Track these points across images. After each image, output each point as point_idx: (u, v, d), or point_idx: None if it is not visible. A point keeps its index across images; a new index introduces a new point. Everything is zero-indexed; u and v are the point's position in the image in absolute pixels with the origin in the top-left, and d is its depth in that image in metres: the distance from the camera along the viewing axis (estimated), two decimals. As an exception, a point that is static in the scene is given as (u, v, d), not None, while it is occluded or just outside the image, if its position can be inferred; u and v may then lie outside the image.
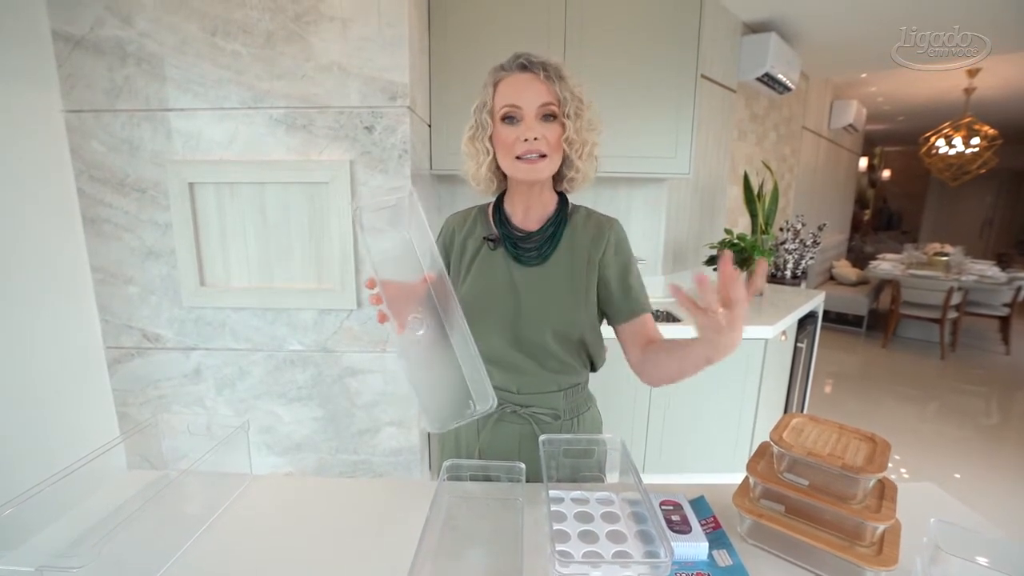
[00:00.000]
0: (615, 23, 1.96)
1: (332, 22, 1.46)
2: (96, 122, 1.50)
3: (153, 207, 1.55)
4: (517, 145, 0.81)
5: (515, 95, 0.82)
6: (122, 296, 1.61)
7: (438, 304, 0.70)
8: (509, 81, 0.83)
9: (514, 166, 0.83)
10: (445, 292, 0.70)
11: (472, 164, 0.90)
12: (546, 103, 0.82)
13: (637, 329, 0.90)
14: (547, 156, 0.83)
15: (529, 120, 0.81)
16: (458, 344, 0.70)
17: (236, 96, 1.49)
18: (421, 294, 0.71)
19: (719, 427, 2.17)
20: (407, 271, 0.70)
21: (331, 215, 1.55)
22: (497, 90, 0.84)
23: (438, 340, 0.71)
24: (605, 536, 0.71)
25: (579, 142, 0.85)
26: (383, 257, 0.70)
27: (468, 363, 0.70)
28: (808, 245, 3.18)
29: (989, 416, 3.36)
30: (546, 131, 0.82)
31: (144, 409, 1.69)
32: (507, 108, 0.82)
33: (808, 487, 0.68)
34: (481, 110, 0.85)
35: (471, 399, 0.70)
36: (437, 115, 1.89)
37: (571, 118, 0.82)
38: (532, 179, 0.84)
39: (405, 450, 1.73)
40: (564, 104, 0.82)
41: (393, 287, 0.69)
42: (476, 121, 0.86)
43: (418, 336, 0.71)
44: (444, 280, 0.70)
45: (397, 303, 0.69)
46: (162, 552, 0.72)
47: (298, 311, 1.63)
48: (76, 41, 1.45)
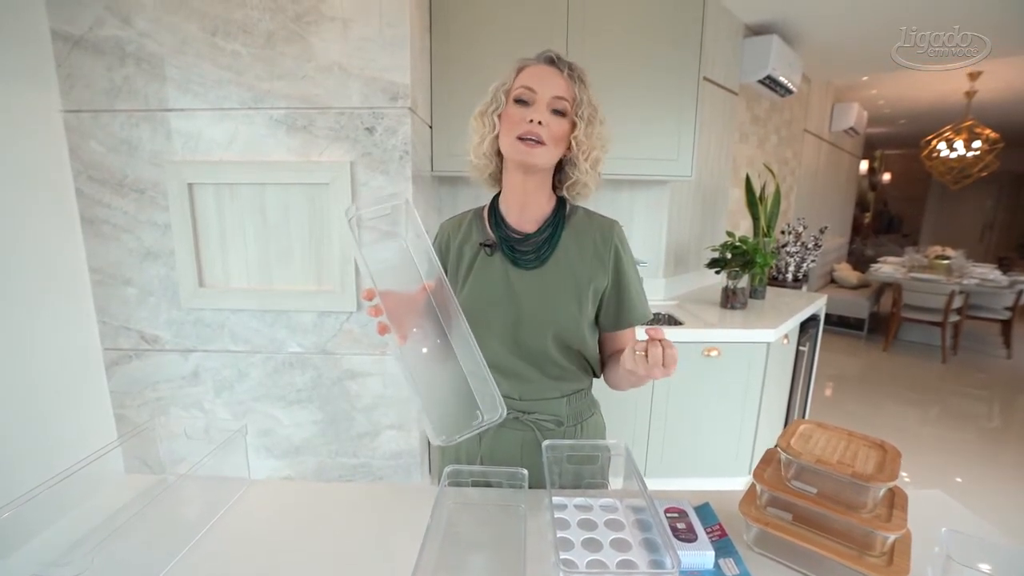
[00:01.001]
0: (617, 25, 1.95)
1: (333, 22, 1.45)
2: (95, 122, 1.49)
3: (152, 208, 1.54)
4: (521, 125, 0.82)
5: (533, 80, 0.83)
6: (120, 297, 1.60)
7: (439, 313, 0.69)
8: (532, 69, 0.85)
9: (513, 145, 0.83)
10: (446, 299, 0.68)
11: (476, 137, 0.90)
12: (560, 96, 0.83)
13: (618, 339, 0.94)
14: (546, 145, 0.82)
15: (539, 105, 0.82)
16: (462, 353, 0.69)
17: (236, 96, 1.49)
18: (421, 303, 0.70)
19: (721, 431, 2.16)
20: (405, 280, 0.69)
21: (331, 217, 1.54)
22: (519, 75, 0.85)
23: (441, 350, 0.69)
24: (609, 544, 0.69)
25: (587, 145, 0.85)
26: (381, 267, 0.68)
27: (473, 372, 0.68)
28: (809, 248, 3.17)
29: (990, 420, 3.34)
30: (552, 122, 0.82)
31: (142, 411, 1.68)
32: (522, 90, 0.83)
33: (817, 495, 0.67)
34: (499, 89, 0.87)
35: (478, 409, 0.69)
36: (438, 116, 1.88)
37: (583, 120, 0.83)
38: (527, 162, 0.83)
39: (405, 453, 1.71)
40: (578, 105, 0.83)
41: (392, 298, 0.68)
42: (491, 97, 0.87)
43: (422, 352, 0.69)
44: (444, 286, 0.69)
45: (397, 314, 0.68)
46: (158, 559, 0.71)
47: (298, 313, 1.62)
48: (75, 41, 1.44)
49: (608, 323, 0.92)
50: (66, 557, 0.69)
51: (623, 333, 0.94)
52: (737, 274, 2.38)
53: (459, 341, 0.68)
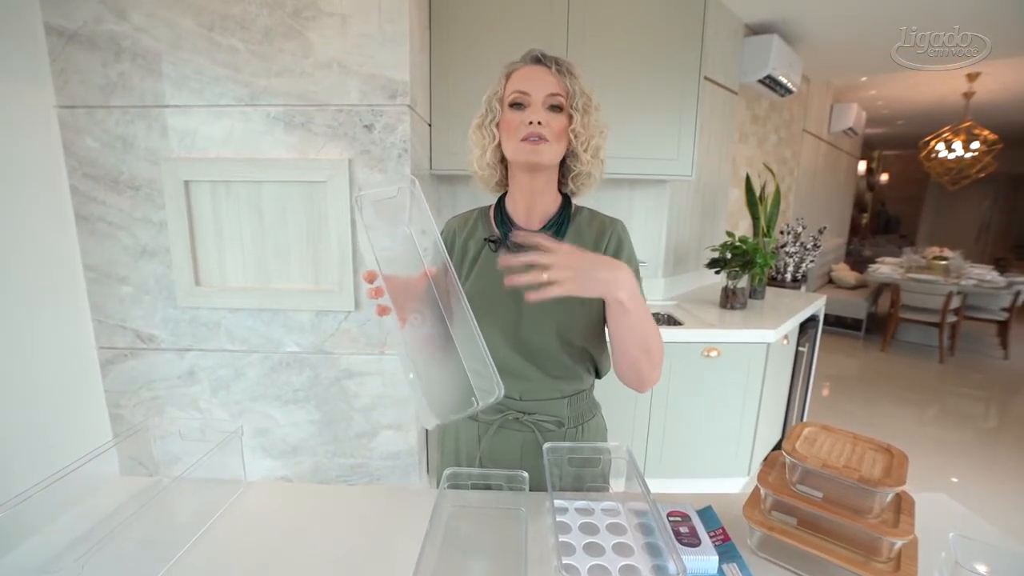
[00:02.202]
0: (618, 23, 1.94)
1: (331, 18, 1.43)
2: (90, 118, 1.47)
3: (148, 205, 1.52)
4: (521, 128, 0.82)
5: (525, 83, 0.83)
6: (115, 296, 1.58)
7: (439, 298, 0.68)
8: (521, 72, 0.85)
9: (517, 148, 0.83)
10: (449, 285, 0.68)
11: (477, 150, 0.90)
12: (554, 93, 0.83)
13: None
14: (549, 142, 0.83)
15: (535, 106, 0.82)
16: (462, 337, 0.68)
17: (233, 93, 1.47)
18: (421, 288, 0.70)
19: (720, 431, 2.15)
20: (409, 265, 0.68)
21: (329, 214, 1.52)
22: (509, 80, 0.85)
23: (441, 336, 0.69)
24: (611, 549, 0.68)
25: (585, 135, 0.85)
26: (386, 253, 0.68)
27: (472, 355, 0.68)
28: (808, 248, 3.17)
29: (987, 420, 3.35)
30: (551, 119, 0.82)
31: (137, 411, 1.66)
32: (515, 94, 0.83)
33: (822, 500, 0.66)
34: (492, 98, 0.87)
35: (474, 396, 0.68)
36: (437, 114, 1.86)
37: (578, 111, 0.84)
38: (533, 161, 0.83)
39: (403, 453, 1.70)
40: (572, 97, 0.83)
41: (393, 281, 0.68)
42: (486, 108, 0.88)
43: (421, 332, 0.69)
44: (448, 272, 0.69)
45: (398, 297, 0.68)
46: (152, 564, 0.69)
47: (295, 312, 1.60)
48: (70, 35, 1.42)
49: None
50: (57, 563, 0.67)
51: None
52: (737, 274, 2.38)
53: (460, 326, 0.68)
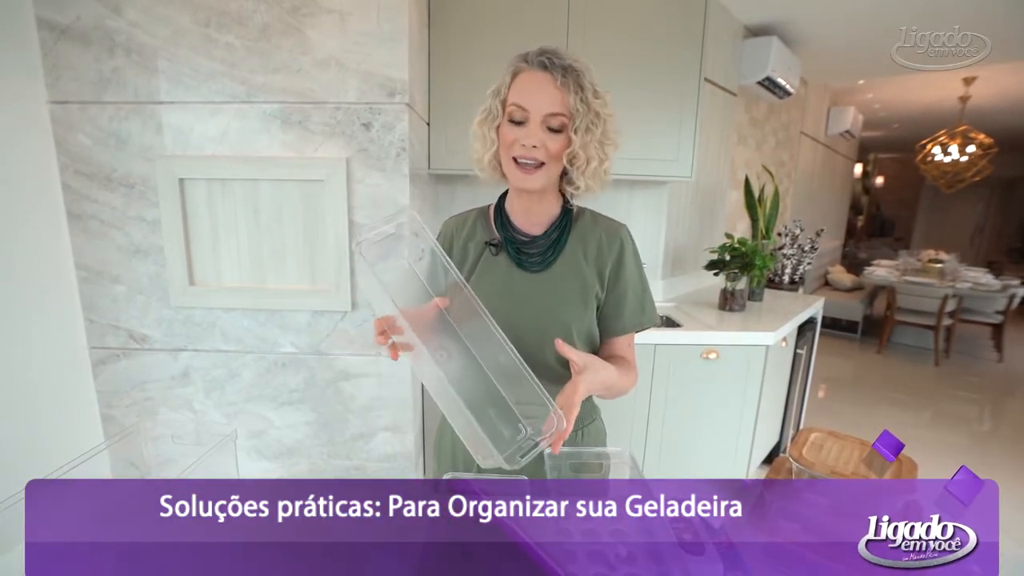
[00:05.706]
0: (618, 24, 1.93)
1: (330, 15, 1.42)
2: (83, 114, 1.44)
3: (141, 203, 1.50)
4: (516, 147, 0.79)
5: (525, 96, 0.79)
6: (108, 295, 1.55)
7: (456, 325, 0.66)
8: (526, 77, 0.80)
9: (510, 169, 0.81)
10: (469, 310, 0.65)
11: (479, 147, 0.86)
12: (554, 113, 0.78)
13: (612, 346, 0.91)
14: (545, 165, 0.80)
15: (533, 126, 0.79)
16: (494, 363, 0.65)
17: (229, 90, 1.45)
18: (432, 319, 0.68)
19: (719, 434, 2.14)
20: (417, 299, 0.66)
21: (327, 214, 1.51)
22: (513, 82, 0.81)
23: (471, 365, 0.66)
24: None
25: (583, 158, 0.81)
26: (396, 290, 0.65)
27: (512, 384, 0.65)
28: (806, 250, 3.17)
29: (982, 423, 3.37)
30: (548, 140, 0.79)
31: (130, 412, 1.63)
32: (513, 108, 0.79)
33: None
34: (495, 96, 0.82)
35: (520, 423, 0.65)
36: (436, 113, 1.84)
37: (579, 133, 0.79)
38: (525, 188, 0.82)
39: (400, 456, 1.69)
40: (575, 116, 0.78)
41: (410, 314, 0.66)
42: (489, 105, 0.83)
43: (450, 368, 0.66)
44: (462, 292, 0.67)
45: (423, 332, 0.66)
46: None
47: (291, 312, 1.58)
48: (62, 30, 1.39)
49: (603, 330, 0.90)
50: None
51: (617, 341, 0.91)
52: (736, 276, 2.37)
53: (489, 349, 0.65)
